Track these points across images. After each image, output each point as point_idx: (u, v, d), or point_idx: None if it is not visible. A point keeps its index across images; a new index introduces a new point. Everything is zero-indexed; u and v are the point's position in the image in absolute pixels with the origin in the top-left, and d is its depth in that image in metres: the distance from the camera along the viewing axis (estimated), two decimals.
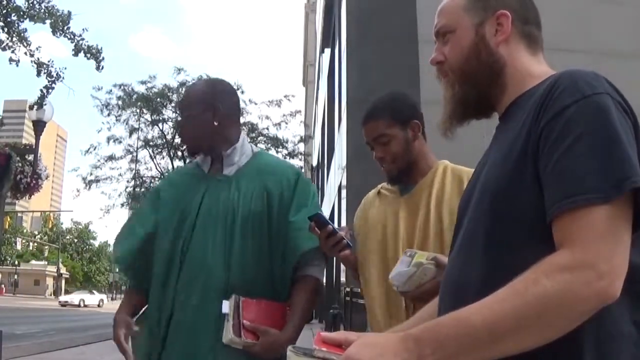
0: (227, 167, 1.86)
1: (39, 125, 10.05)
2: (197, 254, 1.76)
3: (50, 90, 8.54)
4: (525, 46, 1.08)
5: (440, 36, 1.13)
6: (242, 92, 18.84)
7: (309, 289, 1.80)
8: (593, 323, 0.82)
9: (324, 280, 2.11)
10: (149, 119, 19.18)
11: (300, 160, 20.72)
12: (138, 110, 18.36)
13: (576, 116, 0.86)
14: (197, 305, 1.73)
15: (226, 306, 1.68)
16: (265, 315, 1.72)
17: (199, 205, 1.81)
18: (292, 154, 19.44)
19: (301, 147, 19.90)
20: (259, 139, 19.40)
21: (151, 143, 19.41)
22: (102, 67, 8.66)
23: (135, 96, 18.13)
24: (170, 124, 19.29)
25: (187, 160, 18.66)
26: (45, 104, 8.90)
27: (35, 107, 9.02)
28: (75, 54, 8.41)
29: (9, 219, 30.22)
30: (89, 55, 8.47)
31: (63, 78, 8.51)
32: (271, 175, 1.84)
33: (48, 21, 8.14)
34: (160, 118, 19.17)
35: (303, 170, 22.23)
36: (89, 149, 18.59)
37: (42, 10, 8.11)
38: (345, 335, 0.90)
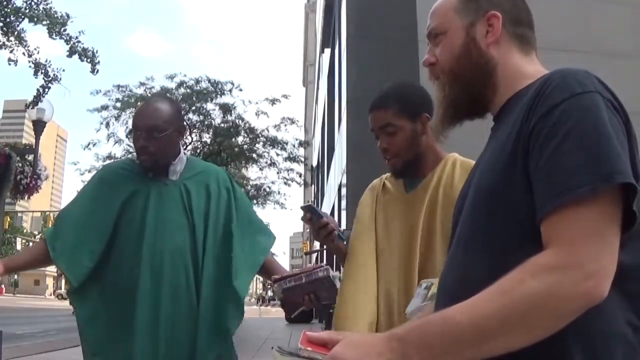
0: (172, 174, 2.06)
1: (39, 125, 10.05)
2: (153, 260, 1.92)
3: (46, 90, 8.54)
4: (517, 47, 1.07)
5: (432, 38, 1.13)
6: (241, 90, 18.78)
7: (272, 258, 2.23)
8: (584, 322, 0.81)
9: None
10: None
11: (300, 164, 20.69)
12: None
13: (565, 115, 0.86)
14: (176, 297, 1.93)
15: (332, 271, 1.84)
16: None
17: (145, 208, 1.97)
18: (291, 158, 19.41)
19: (301, 151, 19.87)
20: (258, 139, 19.36)
21: None
22: (97, 71, 8.66)
23: (134, 98, 18.11)
24: None
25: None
26: (41, 102, 8.89)
27: (31, 106, 9.01)
28: (70, 56, 8.41)
29: (9, 219, 30.22)
30: (83, 57, 8.46)
31: (60, 79, 8.51)
32: (209, 175, 2.10)
33: (46, 22, 8.14)
34: None
35: (303, 173, 22.21)
36: (88, 144, 18.53)
37: (41, 11, 8.11)
38: (331, 335, 0.90)
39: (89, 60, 8.50)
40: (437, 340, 0.82)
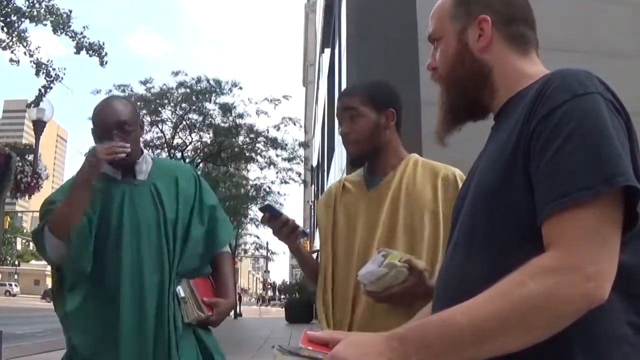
0: (139, 174, 2.06)
1: (39, 125, 10.05)
2: (132, 259, 1.92)
3: (48, 90, 8.55)
4: (513, 47, 1.06)
5: (432, 42, 1.14)
6: (241, 89, 18.81)
7: (229, 261, 2.21)
8: (586, 323, 0.81)
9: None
10: (148, 120, 19.18)
11: (300, 164, 20.67)
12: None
13: (567, 116, 0.86)
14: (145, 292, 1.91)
15: (181, 291, 1.94)
16: (206, 289, 2.04)
17: (121, 209, 1.97)
18: (291, 158, 19.41)
19: (301, 151, 19.90)
20: (258, 139, 19.36)
21: (151, 144, 19.39)
22: (106, 62, 8.66)
23: (133, 97, 18.12)
24: (169, 124, 19.29)
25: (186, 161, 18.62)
26: (42, 102, 8.89)
27: (32, 105, 9.02)
28: (77, 52, 8.41)
29: (9, 219, 30.22)
30: (91, 52, 8.47)
31: (62, 78, 8.52)
32: (177, 174, 2.11)
33: (49, 21, 8.14)
34: (160, 119, 19.19)
35: (303, 173, 22.20)
36: (88, 151, 18.53)
37: (43, 10, 8.11)
38: (332, 335, 0.90)
39: (96, 54, 8.51)
40: (436, 340, 0.82)
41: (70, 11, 8.35)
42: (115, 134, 1.94)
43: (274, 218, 1.74)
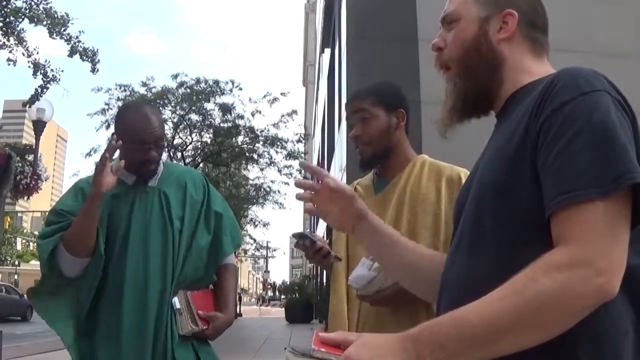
0: (150, 180, 2.05)
1: (39, 125, 10.05)
2: (137, 266, 1.91)
3: (44, 90, 8.55)
4: (529, 48, 1.08)
5: (445, 23, 1.14)
6: (241, 89, 18.80)
7: (233, 274, 2.15)
8: (590, 322, 0.81)
9: (324, 281, 2.19)
10: None
11: (300, 159, 20.63)
12: None
13: (574, 113, 0.87)
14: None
15: (177, 302, 1.93)
16: (206, 302, 2.02)
17: (129, 215, 1.97)
18: (291, 155, 19.40)
19: (300, 147, 19.88)
20: (258, 139, 19.35)
21: None
22: (97, 70, 8.67)
23: (135, 97, 18.10)
24: (170, 124, 19.28)
25: (185, 162, 18.61)
26: (39, 100, 8.88)
27: (28, 104, 9.00)
28: (70, 56, 8.42)
29: (9, 219, 30.21)
30: (84, 57, 8.47)
31: (59, 80, 8.51)
32: (186, 180, 2.09)
33: (46, 22, 8.14)
34: None
35: (303, 170, 22.24)
36: (89, 151, 18.48)
37: (41, 12, 8.11)
38: (344, 336, 0.90)
39: (89, 59, 8.51)
40: (450, 340, 0.82)
41: (68, 16, 8.34)
42: (152, 148, 1.94)
43: (307, 246, 1.71)
